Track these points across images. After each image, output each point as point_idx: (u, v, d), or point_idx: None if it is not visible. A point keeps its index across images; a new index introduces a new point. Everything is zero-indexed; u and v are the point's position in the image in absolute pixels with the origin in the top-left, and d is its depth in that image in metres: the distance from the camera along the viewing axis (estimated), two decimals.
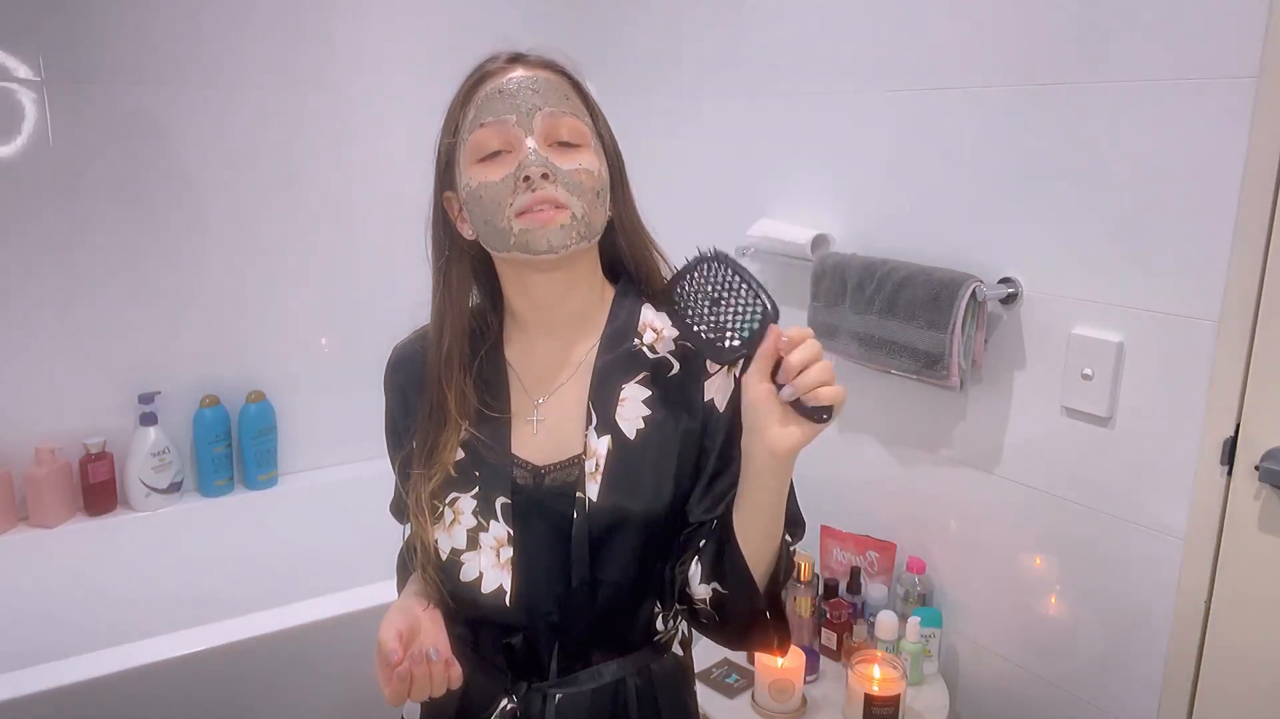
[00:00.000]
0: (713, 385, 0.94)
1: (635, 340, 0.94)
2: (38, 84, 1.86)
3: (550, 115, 0.86)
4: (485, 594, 0.90)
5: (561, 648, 0.92)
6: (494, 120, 0.85)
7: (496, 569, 0.90)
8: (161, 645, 1.49)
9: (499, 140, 0.86)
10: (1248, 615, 1.25)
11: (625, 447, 0.90)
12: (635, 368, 0.93)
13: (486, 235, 0.88)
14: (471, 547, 0.91)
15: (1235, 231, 1.21)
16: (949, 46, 1.54)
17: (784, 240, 1.80)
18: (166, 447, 2.04)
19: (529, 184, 0.84)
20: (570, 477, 0.91)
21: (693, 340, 0.86)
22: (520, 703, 0.92)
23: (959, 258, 1.54)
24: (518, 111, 0.85)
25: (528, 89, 0.86)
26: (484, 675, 0.94)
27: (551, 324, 0.94)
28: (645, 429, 0.91)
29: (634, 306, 0.96)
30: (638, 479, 0.90)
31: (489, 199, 0.85)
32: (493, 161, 0.86)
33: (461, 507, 0.91)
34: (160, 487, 2.04)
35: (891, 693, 1.43)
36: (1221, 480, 1.25)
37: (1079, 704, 1.47)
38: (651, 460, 0.91)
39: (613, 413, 0.91)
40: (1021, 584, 1.54)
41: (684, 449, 0.92)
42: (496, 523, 0.90)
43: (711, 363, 0.93)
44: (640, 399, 0.92)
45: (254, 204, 2.11)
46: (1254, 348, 1.20)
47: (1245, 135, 1.18)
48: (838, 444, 1.83)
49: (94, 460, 1.98)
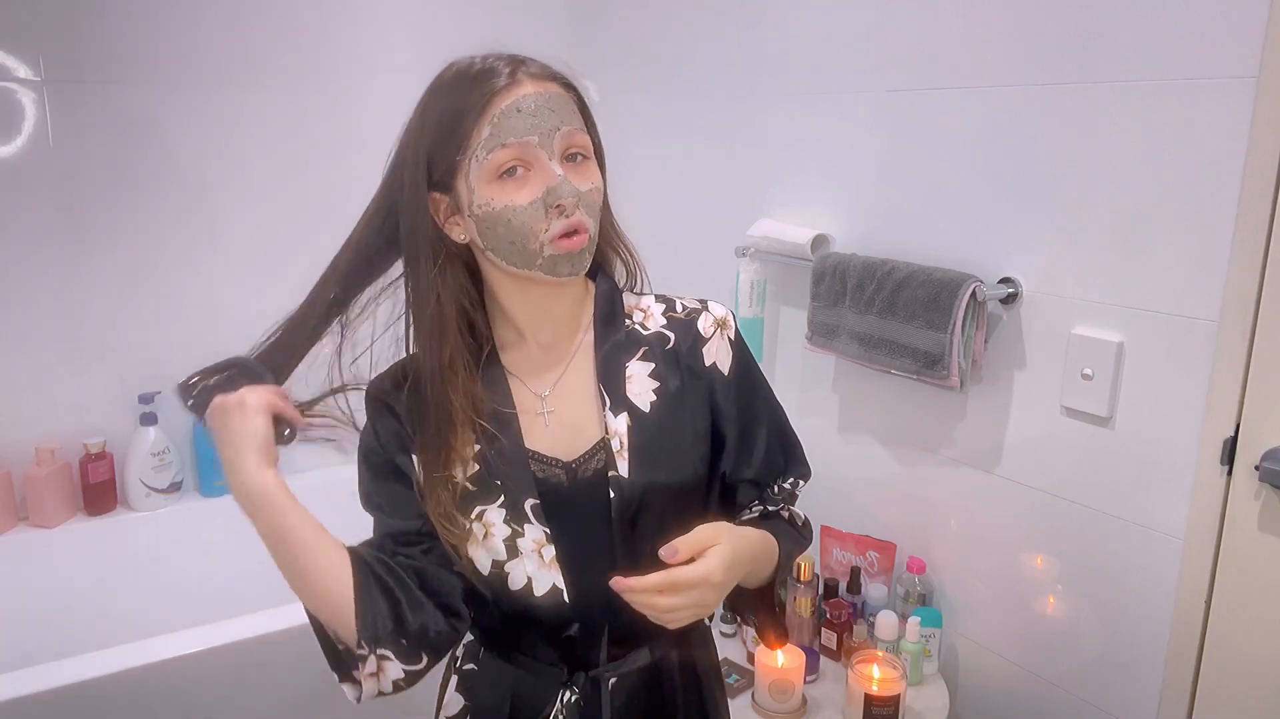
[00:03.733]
0: (711, 350, 0.98)
1: (627, 322, 0.98)
2: (38, 84, 1.86)
3: (567, 134, 0.87)
4: (540, 597, 0.90)
5: (611, 632, 0.94)
6: (516, 141, 0.84)
7: (544, 570, 0.90)
8: (161, 645, 1.49)
9: (519, 159, 0.85)
10: (1248, 615, 1.25)
11: (643, 421, 0.93)
12: (634, 346, 0.96)
13: (507, 253, 0.87)
14: (512, 555, 0.90)
15: (1235, 231, 1.21)
16: (949, 46, 1.54)
17: (784, 240, 1.80)
18: (166, 447, 2.04)
19: (562, 211, 0.85)
20: (599, 463, 0.92)
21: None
22: (580, 692, 0.94)
23: (959, 258, 1.54)
24: (539, 132, 0.85)
25: (545, 108, 0.85)
26: (533, 674, 0.95)
27: (543, 322, 0.95)
28: (658, 401, 0.94)
29: (616, 296, 0.99)
30: (662, 450, 0.93)
31: (518, 224, 0.85)
32: (511, 180, 0.85)
33: (490, 518, 0.90)
34: (160, 487, 2.04)
35: (891, 693, 1.43)
36: (1221, 480, 1.25)
37: (1079, 704, 1.47)
38: (671, 429, 0.94)
39: (624, 391, 0.93)
40: (1021, 584, 1.54)
41: (698, 413, 0.96)
42: (531, 525, 0.90)
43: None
44: (646, 373, 0.95)
45: (254, 204, 2.11)
46: (1254, 348, 1.20)
47: (1245, 135, 1.18)
48: (838, 444, 1.83)
49: (94, 460, 1.98)
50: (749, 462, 0.99)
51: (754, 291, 1.87)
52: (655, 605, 0.81)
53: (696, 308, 1.00)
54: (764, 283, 1.88)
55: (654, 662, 0.97)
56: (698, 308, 1.00)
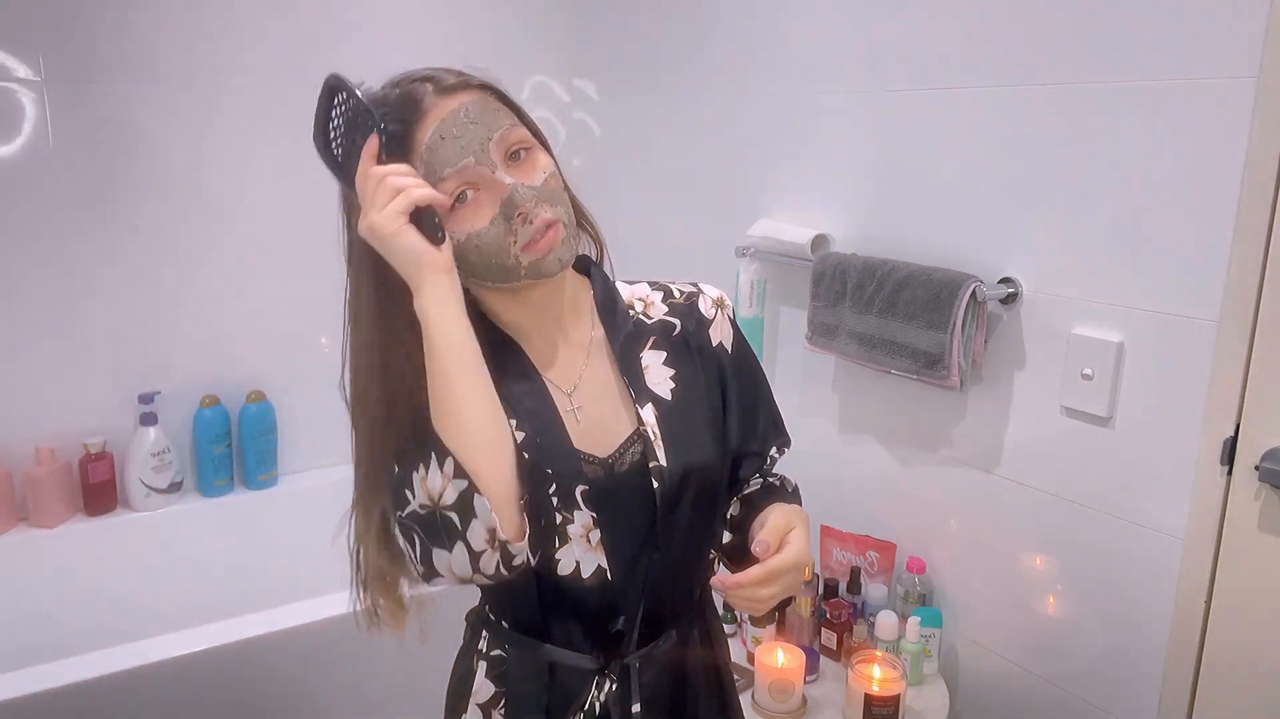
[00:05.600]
0: (716, 330, 1.01)
1: (630, 313, 0.99)
2: (38, 84, 1.86)
3: (501, 137, 0.85)
4: (587, 579, 0.91)
5: (643, 618, 0.94)
6: (454, 170, 0.82)
7: (590, 554, 0.91)
8: (161, 645, 1.49)
9: (463, 184, 0.83)
10: (1248, 615, 1.25)
11: (668, 409, 0.94)
12: (643, 336, 0.98)
13: (491, 274, 0.86)
14: (562, 542, 0.90)
15: (1235, 231, 1.21)
16: (949, 46, 1.54)
17: (784, 240, 1.80)
18: (166, 447, 2.04)
19: (525, 218, 0.84)
20: (635, 455, 0.92)
21: (328, 164, 0.85)
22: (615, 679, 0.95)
23: (959, 258, 1.54)
24: (472, 150, 0.82)
25: (469, 123, 0.83)
26: (567, 661, 0.95)
27: (547, 320, 0.94)
28: (677, 388, 0.96)
29: (609, 285, 1.00)
30: (690, 435, 0.95)
31: (487, 246, 0.84)
32: (464, 208, 0.83)
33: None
34: (160, 487, 2.04)
35: (891, 693, 1.43)
36: (1221, 480, 1.25)
37: (1079, 704, 1.47)
38: (692, 414, 0.96)
39: (644, 381, 0.95)
40: (1021, 584, 1.54)
41: (713, 394, 0.99)
42: (580, 511, 0.90)
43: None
44: (660, 362, 0.97)
45: (254, 203, 2.11)
46: (1254, 348, 1.20)
47: (1245, 135, 1.18)
48: (838, 444, 1.83)
49: (94, 460, 1.98)
50: (754, 434, 1.02)
51: (754, 291, 1.87)
52: (758, 598, 0.84)
53: (692, 290, 1.03)
54: (764, 283, 1.88)
55: (676, 642, 0.99)
56: (693, 290, 1.03)
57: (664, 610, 0.96)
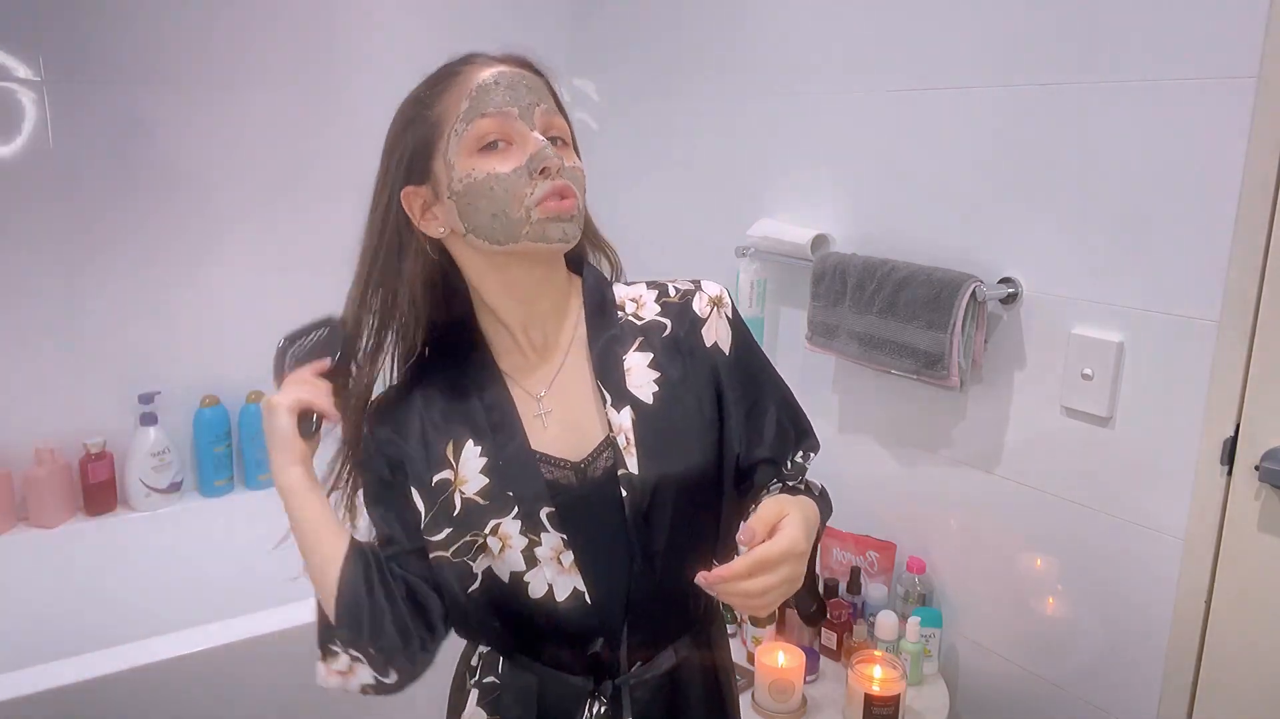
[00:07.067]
0: (710, 331, 0.96)
1: (620, 314, 0.96)
2: (38, 84, 1.86)
3: (545, 113, 0.86)
4: (562, 603, 0.89)
5: (631, 636, 0.92)
6: (496, 111, 0.84)
7: (564, 575, 0.88)
8: (161, 645, 1.49)
9: (500, 131, 0.84)
10: (1248, 615, 1.25)
11: (648, 413, 0.91)
12: (629, 337, 0.94)
13: (491, 228, 0.84)
14: (531, 565, 0.88)
15: (1235, 231, 1.21)
16: (949, 46, 1.54)
17: (784, 240, 1.80)
18: (166, 447, 2.04)
19: (546, 175, 0.84)
20: (608, 461, 0.89)
21: (278, 354, 0.96)
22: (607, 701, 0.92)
23: (959, 258, 1.54)
24: (519, 104, 0.85)
25: (522, 85, 0.85)
26: (558, 684, 0.93)
27: (531, 318, 0.93)
28: (661, 391, 0.92)
29: (604, 288, 0.97)
30: (670, 441, 0.90)
31: (502, 190, 0.83)
32: (493, 153, 0.84)
33: (506, 530, 0.88)
34: (160, 487, 2.04)
35: (891, 693, 1.43)
36: (1221, 480, 1.25)
37: (1079, 704, 1.47)
38: (677, 419, 0.92)
39: (623, 384, 0.91)
40: (1021, 584, 1.54)
41: (703, 398, 0.93)
42: (547, 533, 0.88)
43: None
44: (645, 364, 0.93)
45: (254, 204, 2.11)
46: (1254, 348, 1.20)
47: (1245, 135, 1.18)
48: (838, 444, 1.83)
49: (94, 460, 1.98)
50: (761, 441, 0.96)
51: (754, 291, 1.87)
52: (747, 591, 0.75)
53: (690, 289, 0.98)
54: (764, 283, 1.88)
55: (678, 663, 0.95)
56: (691, 288, 0.98)
57: (656, 628, 0.93)
